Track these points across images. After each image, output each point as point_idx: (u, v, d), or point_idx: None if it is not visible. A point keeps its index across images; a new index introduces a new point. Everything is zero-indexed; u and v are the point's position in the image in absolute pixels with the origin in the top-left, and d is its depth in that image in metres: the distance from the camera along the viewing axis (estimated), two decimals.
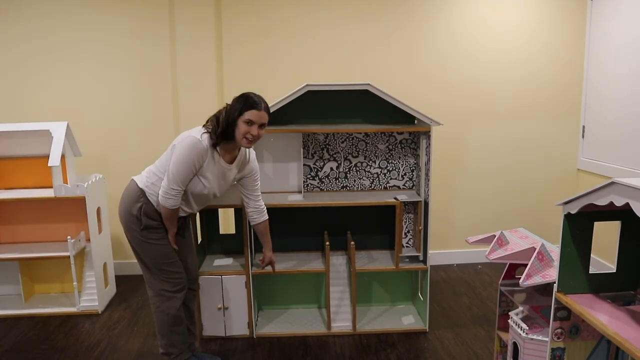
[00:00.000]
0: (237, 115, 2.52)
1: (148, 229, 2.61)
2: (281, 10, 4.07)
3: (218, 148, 2.58)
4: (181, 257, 2.76)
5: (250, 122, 2.53)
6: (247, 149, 2.76)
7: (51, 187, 3.53)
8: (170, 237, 2.67)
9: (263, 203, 2.93)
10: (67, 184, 3.52)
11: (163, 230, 2.65)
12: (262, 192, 3.33)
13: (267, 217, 2.96)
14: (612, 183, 1.57)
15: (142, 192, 2.61)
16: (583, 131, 4.32)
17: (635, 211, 1.49)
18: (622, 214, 1.86)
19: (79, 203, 3.64)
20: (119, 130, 4.13)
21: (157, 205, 2.60)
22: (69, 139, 3.59)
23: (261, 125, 2.58)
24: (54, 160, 3.37)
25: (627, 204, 1.53)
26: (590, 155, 4.25)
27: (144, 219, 2.59)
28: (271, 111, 3.00)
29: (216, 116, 2.57)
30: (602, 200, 1.64)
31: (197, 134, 2.52)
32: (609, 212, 1.84)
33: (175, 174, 2.50)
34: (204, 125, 2.59)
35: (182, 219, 2.76)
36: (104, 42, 4.03)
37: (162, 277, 2.67)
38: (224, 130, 2.54)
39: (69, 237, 3.50)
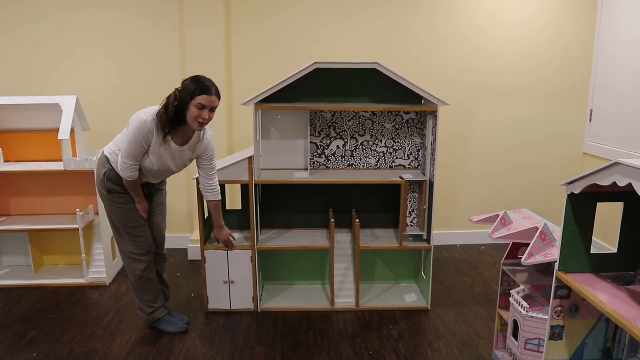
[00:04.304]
0: (188, 100, 2.59)
1: (113, 193, 2.81)
2: None
3: (171, 134, 2.69)
4: (149, 223, 2.95)
5: (202, 107, 2.61)
6: (202, 131, 2.83)
7: (61, 160, 3.57)
8: (138, 206, 2.85)
9: (217, 183, 2.97)
10: (76, 157, 3.56)
11: (128, 195, 2.82)
12: (269, 169, 3.38)
13: (220, 199, 3.01)
14: (616, 164, 1.59)
15: (107, 159, 2.80)
16: (591, 115, 4.31)
17: (638, 192, 1.51)
18: (624, 195, 1.88)
19: (88, 177, 3.68)
20: (128, 105, 4.11)
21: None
22: (78, 113, 3.62)
23: (212, 109, 2.66)
24: (64, 134, 3.41)
25: (630, 185, 1.55)
26: (597, 140, 4.25)
27: (107, 184, 2.79)
28: (280, 88, 3.04)
29: (165, 106, 2.63)
30: (605, 181, 1.66)
31: (145, 115, 2.63)
32: (612, 194, 1.86)
33: (126, 150, 2.66)
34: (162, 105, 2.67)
35: (149, 187, 2.92)
36: (113, 17, 4.03)
37: (128, 239, 2.89)
38: (174, 116, 2.62)
39: (78, 210, 3.55)
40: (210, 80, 2.66)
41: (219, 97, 2.67)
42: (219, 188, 2.99)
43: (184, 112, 2.62)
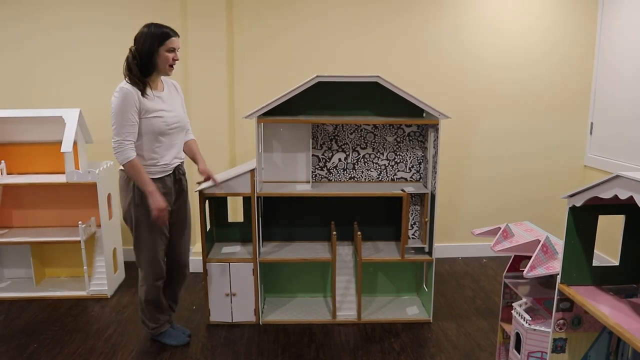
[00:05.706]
0: (157, 47, 2.64)
1: (142, 207, 2.72)
2: (293, 3, 4.09)
3: (148, 85, 2.70)
4: (172, 237, 2.94)
5: (172, 50, 2.68)
6: (169, 81, 2.90)
7: (63, 172, 3.58)
8: (152, 200, 2.66)
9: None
10: (78, 170, 3.57)
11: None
12: (271, 181, 3.40)
13: (193, 138, 3.07)
14: (617, 176, 1.60)
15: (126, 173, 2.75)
16: (591, 128, 4.33)
17: (639, 204, 1.51)
18: (626, 207, 1.89)
19: (90, 189, 3.68)
20: None
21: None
22: (81, 125, 3.63)
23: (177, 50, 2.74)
24: (67, 147, 3.43)
25: (631, 197, 1.55)
26: (598, 152, 4.26)
27: (137, 193, 2.72)
28: (282, 101, 3.06)
29: (128, 67, 2.66)
30: (606, 194, 1.66)
31: (120, 86, 2.64)
32: (613, 206, 1.87)
33: (117, 126, 2.61)
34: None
35: (175, 179, 2.86)
36: (115, 29, 4.06)
37: (148, 260, 2.84)
38: (143, 69, 2.65)
39: (80, 222, 3.56)
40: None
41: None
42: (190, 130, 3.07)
43: (153, 61, 2.65)
